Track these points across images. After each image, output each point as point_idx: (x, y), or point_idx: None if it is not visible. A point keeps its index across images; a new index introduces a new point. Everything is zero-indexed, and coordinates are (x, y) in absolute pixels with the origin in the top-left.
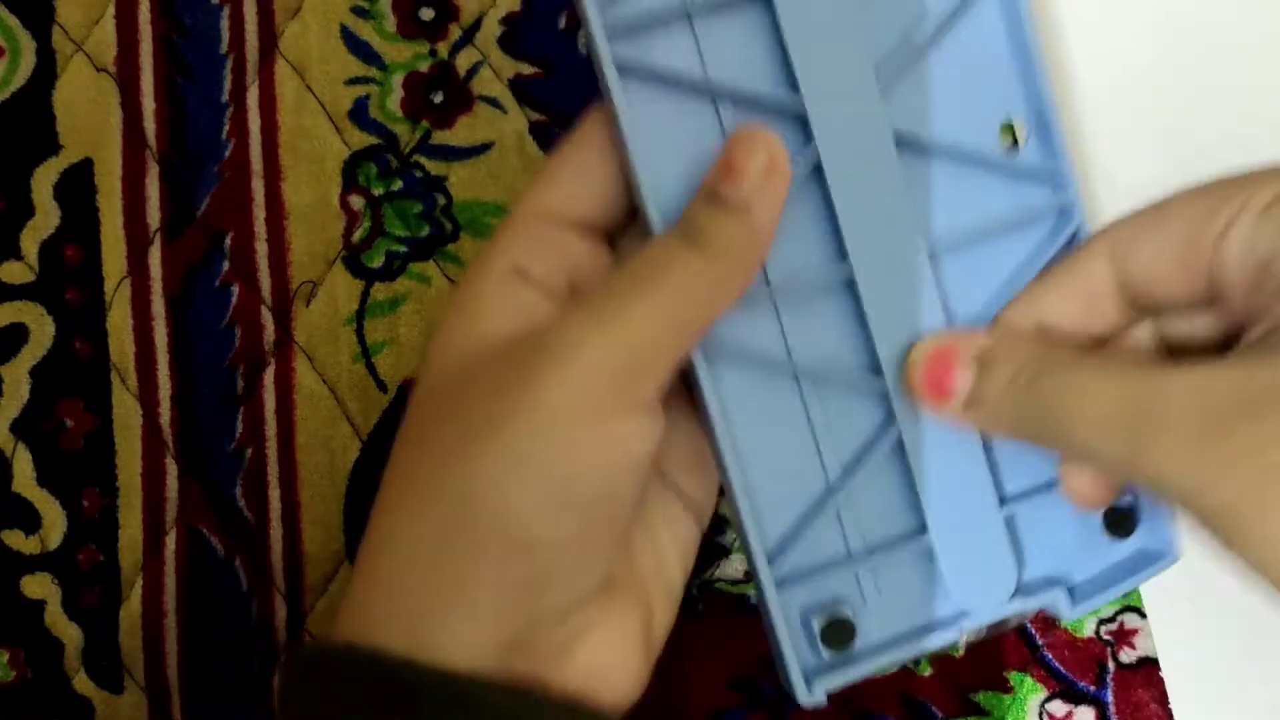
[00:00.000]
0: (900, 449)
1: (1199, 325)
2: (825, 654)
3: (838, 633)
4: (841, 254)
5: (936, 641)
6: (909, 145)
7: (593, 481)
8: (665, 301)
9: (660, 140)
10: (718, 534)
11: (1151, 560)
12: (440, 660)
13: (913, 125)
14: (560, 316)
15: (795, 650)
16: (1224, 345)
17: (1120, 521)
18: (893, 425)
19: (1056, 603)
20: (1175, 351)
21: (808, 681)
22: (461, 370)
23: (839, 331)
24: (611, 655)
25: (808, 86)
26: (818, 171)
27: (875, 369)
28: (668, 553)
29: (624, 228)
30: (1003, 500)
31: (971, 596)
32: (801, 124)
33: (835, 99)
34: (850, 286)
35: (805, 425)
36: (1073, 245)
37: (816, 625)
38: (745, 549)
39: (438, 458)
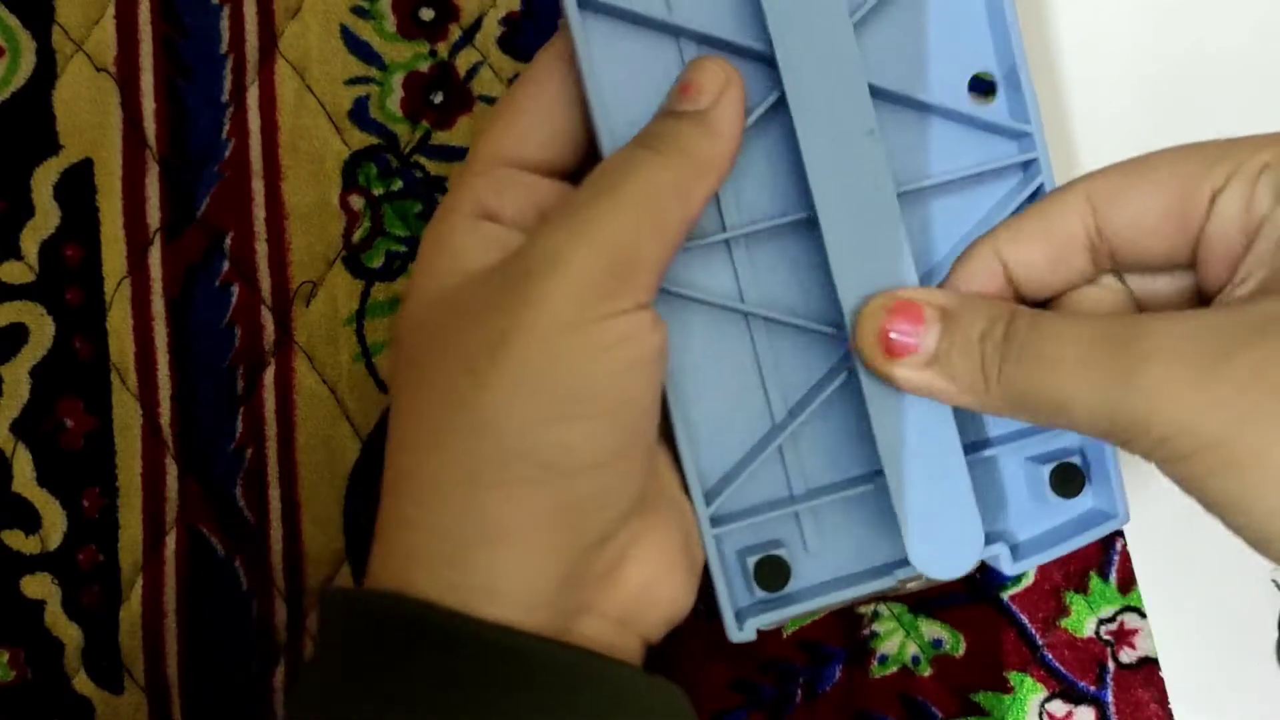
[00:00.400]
0: (850, 394)
1: (1163, 285)
2: (759, 593)
3: (772, 573)
4: (806, 199)
5: (873, 586)
6: (877, 94)
7: (606, 388)
8: (633, 202)
9: (621, 78)
10: None
11: (1098, 520)
12: (494, 610)
13: (882, 73)
14: (534, 235)
15: (729, 588)
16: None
17: (1068, 480)
18: (843, 369)
19: (999, 558)
20: (1141, 310)
21: (739, 619)
22: (446, 303)
23: (797, 275)
24: (657, 571)
25: (777, 27)
26: (783, 112)
27: (834, 314)
28: None
29: (587, 168)
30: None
31: (936, 549)
32: (768, 66)
33: (806, 41)
34: (813, 230)
35: (754, 366)
36: (1036, 199)
37: (751, 564)
38: (687, 485)
39: (444, 391)
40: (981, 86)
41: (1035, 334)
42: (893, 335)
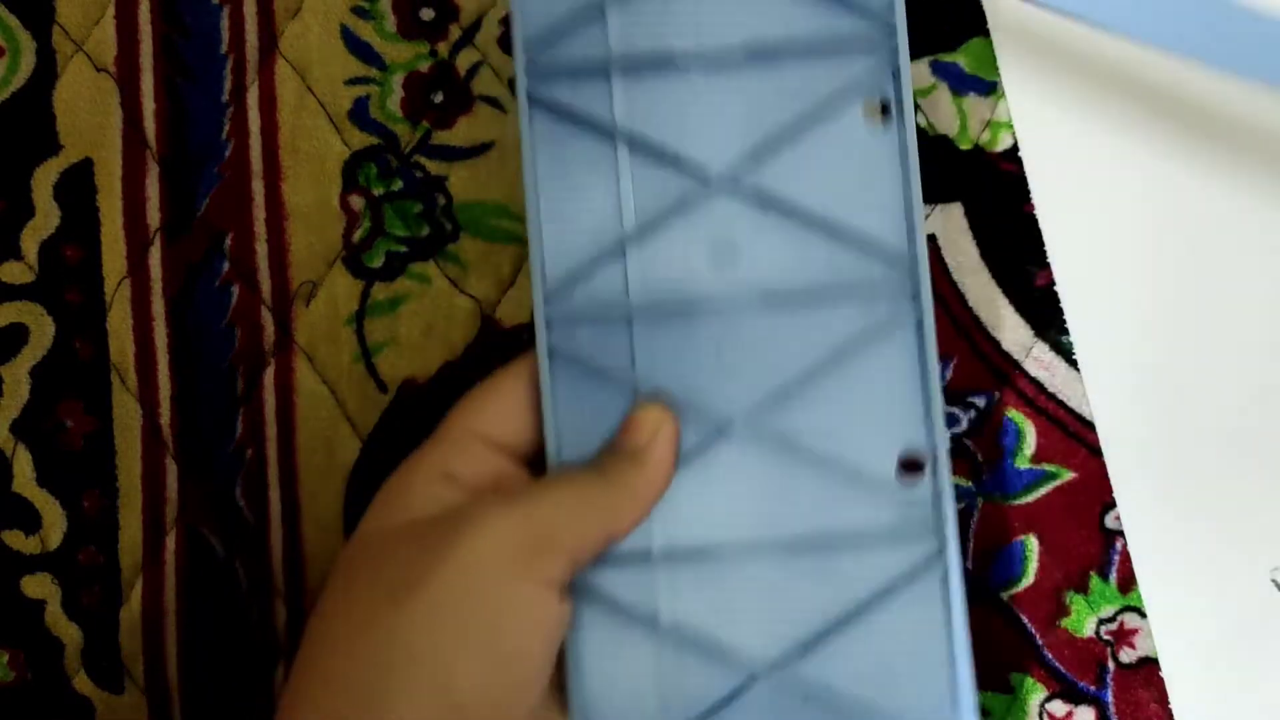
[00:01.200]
0: None
1: None
2: None
3: None
4: None
5: None
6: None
7: (509, 635)
8: (564, 500)
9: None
10: None
11: None
12: None
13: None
14: (475, 501)
15: None
16: None
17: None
18: None
19: None
20: None
21: None
22: (384, 541)
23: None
24: None
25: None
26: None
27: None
28: None
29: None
30: None
31: None
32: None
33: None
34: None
35: None
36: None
37: None
38: None
39: (368, 605)
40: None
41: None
42: None
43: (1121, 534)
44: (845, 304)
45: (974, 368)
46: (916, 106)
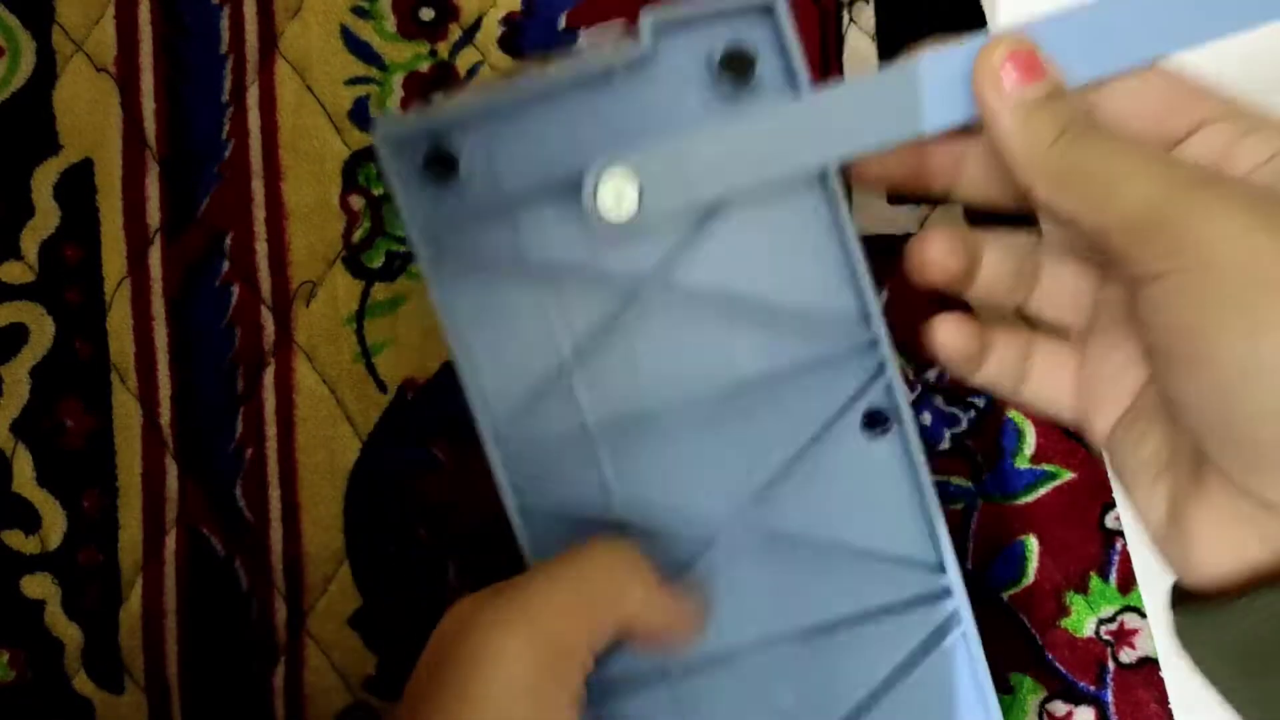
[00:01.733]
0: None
1: None
2: None
3: None
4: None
5: None
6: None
7: None
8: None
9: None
10: None
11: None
12: None
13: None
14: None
15: None
16: None
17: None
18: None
19: None
20: None
21: None
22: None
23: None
24: None
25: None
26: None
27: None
28: None
29: None
30: None
31: None
32: None
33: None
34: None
35: None
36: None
37: None
38: None
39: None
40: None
41: (1115, 131)
42: (1008, 69)
43: (1121, 534)
44: (818, 391)
45: None
46: None
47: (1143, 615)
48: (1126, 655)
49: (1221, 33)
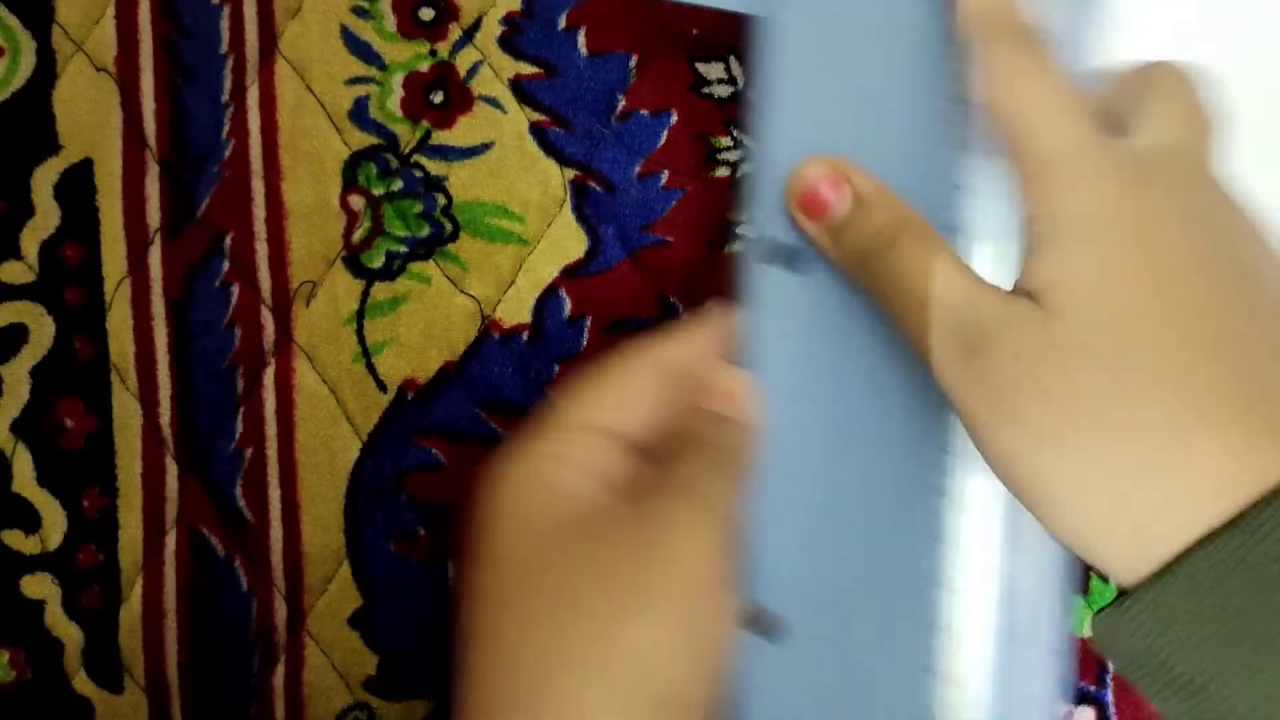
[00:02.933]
0: None
1: None
2: None
3: None
4: None
5: None
6: None
7: (711, 637)
8: (733, 495)
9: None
10: None
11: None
12: None
13: None
14: (669, 500)
15: None
16: None
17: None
18: None
19: None
20: None
21: None
22: (547, 543)
23: None
24: None
25: None
26: None
27: None
28: None
29: (659, 447)
30: None
31: None
32: None
33: None
34: None
35: None
36: None
37: None
38: None
39: (583, 616)
40: None
41: (909, 258)
42: (813, 195)
43: None
44: None
45: None
46: None
47: None
48: None
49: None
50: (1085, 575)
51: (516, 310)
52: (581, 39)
